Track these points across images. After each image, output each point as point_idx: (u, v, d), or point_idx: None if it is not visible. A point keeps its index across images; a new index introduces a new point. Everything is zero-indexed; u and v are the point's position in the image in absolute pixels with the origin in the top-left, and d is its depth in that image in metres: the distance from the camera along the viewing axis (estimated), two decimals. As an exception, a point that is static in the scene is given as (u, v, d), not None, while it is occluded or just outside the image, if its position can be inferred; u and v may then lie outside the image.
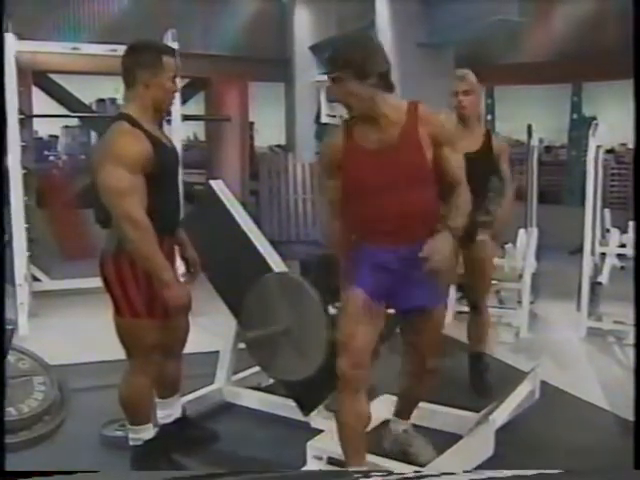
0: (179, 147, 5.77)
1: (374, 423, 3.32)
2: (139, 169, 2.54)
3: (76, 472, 2.17)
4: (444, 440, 3.09)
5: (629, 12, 2.74)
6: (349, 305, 2.57)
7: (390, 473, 2.30)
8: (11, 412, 2.44)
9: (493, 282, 5.40)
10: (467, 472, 2.46)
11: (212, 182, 3.57)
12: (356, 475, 2.62)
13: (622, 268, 5.19)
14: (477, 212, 3.53)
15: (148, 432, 2.92)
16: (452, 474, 1.99)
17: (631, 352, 4.58)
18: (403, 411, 3.11)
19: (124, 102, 2.84)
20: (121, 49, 2.67)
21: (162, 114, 2.93)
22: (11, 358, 2.60)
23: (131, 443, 2.90)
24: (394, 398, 3.51)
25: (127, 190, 2.49)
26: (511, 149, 4.17)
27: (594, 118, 6.67)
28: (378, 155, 2.48)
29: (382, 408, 3.42)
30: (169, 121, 5.75)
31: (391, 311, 3.96)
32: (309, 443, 2.97)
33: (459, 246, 3.49)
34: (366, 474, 1.87)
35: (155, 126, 2.80)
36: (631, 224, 5.01)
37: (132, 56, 2.74)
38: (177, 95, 2.90)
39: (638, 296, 3.09)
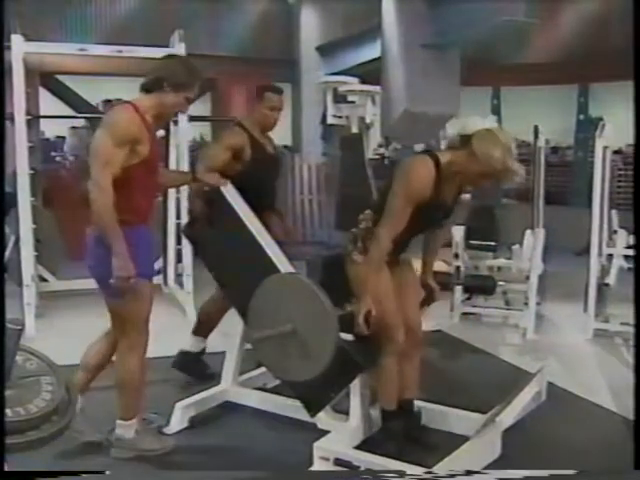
0: (186, 147, 5.82)
1: (380, 424, 3.33)
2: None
3: (81, 473, 2.18)
4: (451, 441, 3.09)
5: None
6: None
7: (402, 474, 2.30)
8: (19, 412, 2.44)
9: (500, 283, 5.40)
10: (477, 473, 2.46)
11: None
12: (365, 476, 2.64)
13: (629, 269, 5.17)
14: None
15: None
16: (461, 475, 2.00)
17: (638, 353, 4.57)
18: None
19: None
20: (127, 50, 2.73)
21: (269, 129, 3.98)
22: (19, 358, 2.60)
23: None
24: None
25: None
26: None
27: (601, 119, 6.65)
28: None
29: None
30: (176, 122, 5.77)
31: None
32: (316, 444, 2.97)
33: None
34: (375, 475, 1.87)
35: (262, 135, 3.91)
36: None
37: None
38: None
39: (638, 296, 3.09)
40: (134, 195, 2.88)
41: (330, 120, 5.56)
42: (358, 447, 3.08)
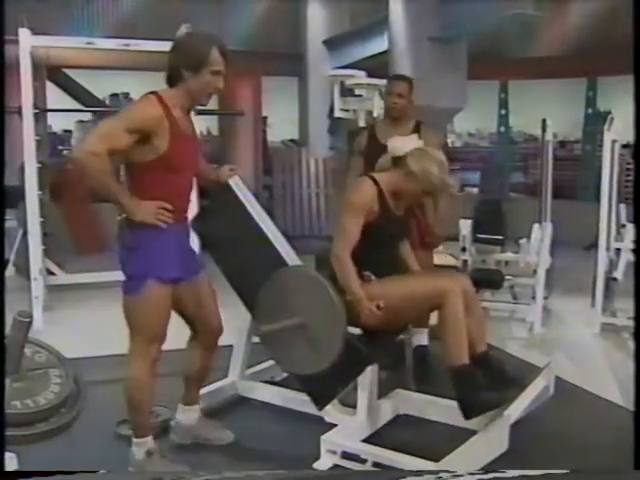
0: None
1: (387, 417, 3.34)
2: None
3: (76, 472, 2.19)
4: (458, 435, 3.09)
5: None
6: None
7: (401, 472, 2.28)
8: (28, 404, 2.46)
9: (507, 277, 5.39)
10: (472, 473, 2.45)
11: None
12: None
13: (637, 263, 5.15)
14: None
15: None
16: (458, 474, 1.99)
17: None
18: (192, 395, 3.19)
19: None
20: (134, 43, 2.68)
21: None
22: (27, 351, 2.62)
23: None
24: (406, 392, 3.53)
25: None
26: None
27: (609, 112, 6.62)
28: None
29: (394, 403, 3.44)
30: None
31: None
32: (323, 437, 2.97)
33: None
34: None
35: None
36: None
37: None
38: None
39: (639, 290, 3.08)
40: (151, 194, 2.68)
41: (337, 114, 5.55)
42: (365, 440, 3.09)
